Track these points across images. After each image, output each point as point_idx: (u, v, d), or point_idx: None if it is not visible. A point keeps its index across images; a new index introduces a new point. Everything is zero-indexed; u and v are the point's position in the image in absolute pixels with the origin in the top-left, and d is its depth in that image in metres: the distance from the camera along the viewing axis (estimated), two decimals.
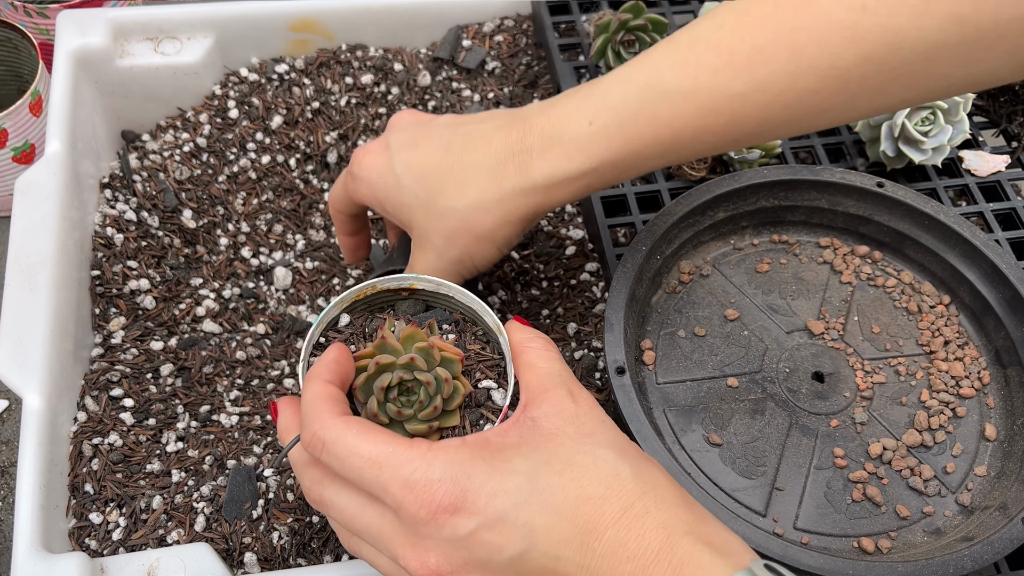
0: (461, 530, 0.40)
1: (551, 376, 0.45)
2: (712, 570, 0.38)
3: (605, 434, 0.43)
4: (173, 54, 0.76)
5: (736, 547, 0.40)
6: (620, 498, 0.40)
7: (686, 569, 0.38)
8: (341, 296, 0.50)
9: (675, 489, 0.42)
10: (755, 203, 0.65)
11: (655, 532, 0.39)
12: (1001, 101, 0.77)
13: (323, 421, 0.42)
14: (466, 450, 0.41)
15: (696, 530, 0.40)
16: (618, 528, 0.39)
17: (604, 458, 0.42)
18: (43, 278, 0.61)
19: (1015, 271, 0.61)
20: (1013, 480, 0.55)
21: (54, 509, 0.57)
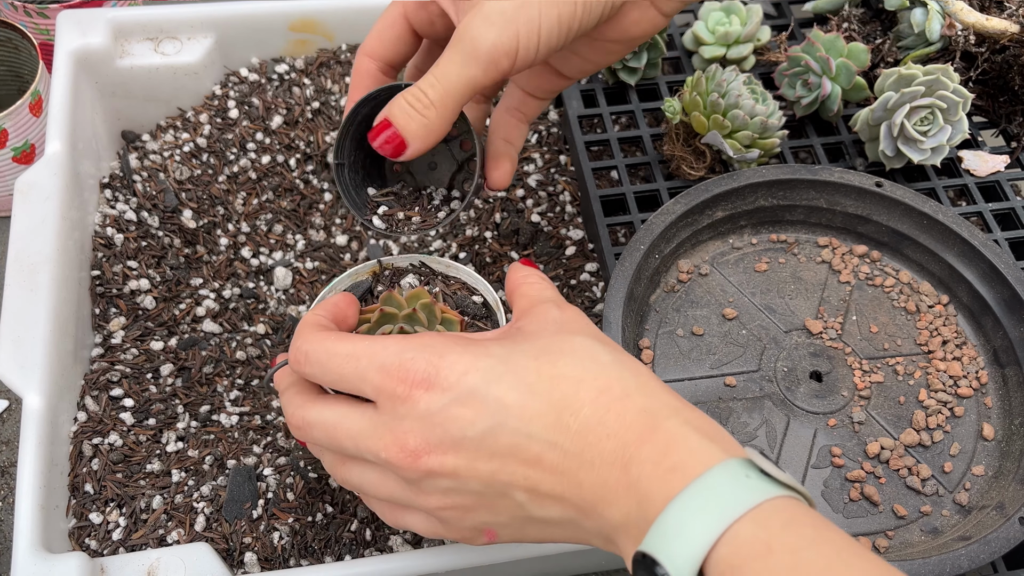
0: (434, 404, 0.40)
1: (541, 298, 0.46)
2: (701, 453, 0.36)
3: (587, 328, 0.43)
4: (173, 54, 0.76)
5: (726, 437, 0.39)
6: (598, 379, 0.39)
7: (673, 450, 0.37)
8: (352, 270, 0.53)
9: (657, 379, 0.41)
10: (754, 202, 0.66)
11: (636, 416, 0.38)
12: (1001, 101, 0.77)
13: (306, 337, 0.44)
14: (440, 337, 0.42)
15: (683, 414, 0.38)
16: (595, 407, 0.39)
17: (582, 344, 0.41)
18: (43, 278, 0.61)
19: (1013, 271, 0.61)
20: (1011, 480, 0.55)
21: (54, 509, 0.57)
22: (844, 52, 0.73)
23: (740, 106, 0.67)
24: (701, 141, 0.70)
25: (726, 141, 0.68)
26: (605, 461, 0.38)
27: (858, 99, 0.75)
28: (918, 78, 0.68)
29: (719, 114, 0.67)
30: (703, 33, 0.78)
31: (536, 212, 0.74)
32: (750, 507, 0.34)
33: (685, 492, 0.35)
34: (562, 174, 0.77)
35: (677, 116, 0.70)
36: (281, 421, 0.64)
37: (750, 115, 0.67)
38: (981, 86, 0.77)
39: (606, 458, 0.38)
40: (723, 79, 0.68)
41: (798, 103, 0.74)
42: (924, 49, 0.75)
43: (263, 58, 0.81)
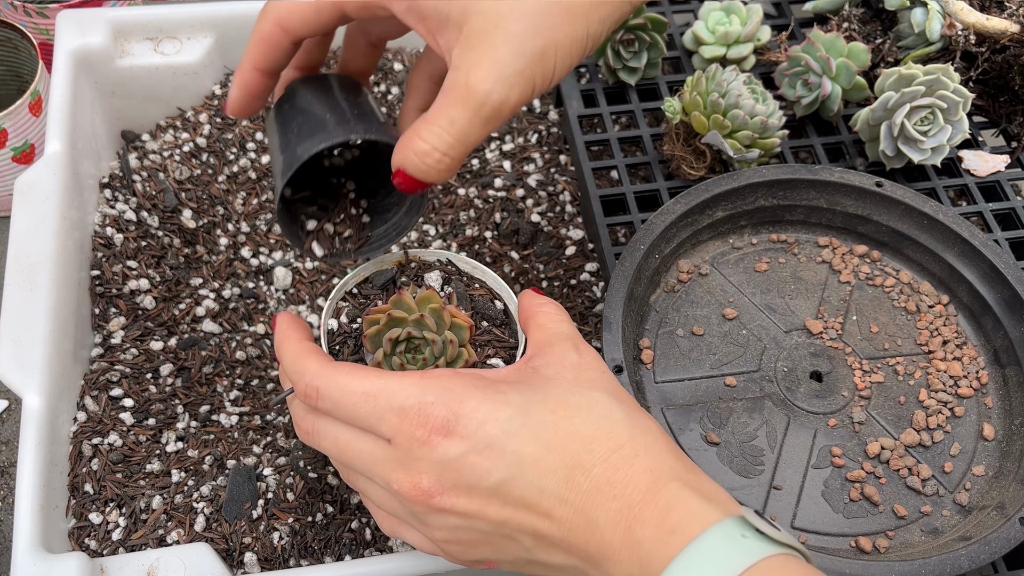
0: (452, 452, 0.40)
1: (558, 334, 0.46)
2: (698, 514, 0.38)
3: (602, 380, 0.43)
4: (173, 54, 0.76)
5: (724, 497, 0.40)
6: (610, 438, 0.40)
7: (673, 512, 0.38)
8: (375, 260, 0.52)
9: (665, 439, 0.42)
10: (754, 202, 0.65)
11: (642, 475, 0.39)
12: (1001, 101, 0.77)
13: (312, 371, 0.44)
14: (459, 379, 0.42)
15: (684, 477, 0.40)
16: (606, 467, 0.40)
17: (599, 400, 0.42)
18: (43, 278, 0.61)
19: (1013, 271, 0.61)
20: (1011, 480, 0.55)
21: (54, 509, 0.57)
22: (844, 52, 0.73)
23: (740, 106, 0.67)
24: (701, 141, 0.70)
25: (726, 141, 0.68)
26: (610, 522, 0.39)
27: (858, 99, 0.75)
28: (918, 78, 0.68)
29: (719, 114, 0.67)
30: (703, 33, 0.78)
31: (536, 212, 0.74)
32: (745, 568, 0.36)
33: (683, 554, 0.36)
34: (562, 174, 0.77)
35: (677, 116, 0.70)
36: (281, 421, 0.64)
37: (750, 115, 0.67)
38: (981, 86, 0.77)
39: (611, 518, 0.39)
40: (723, 79, 0.68)
41: (798, 103, 0.74)
42: (924, 49, 0.75)
43: None
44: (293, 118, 0.47)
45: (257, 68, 0.47)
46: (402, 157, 0.44)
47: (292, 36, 0.46)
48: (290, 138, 0.47)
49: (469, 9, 0.42)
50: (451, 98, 0.43)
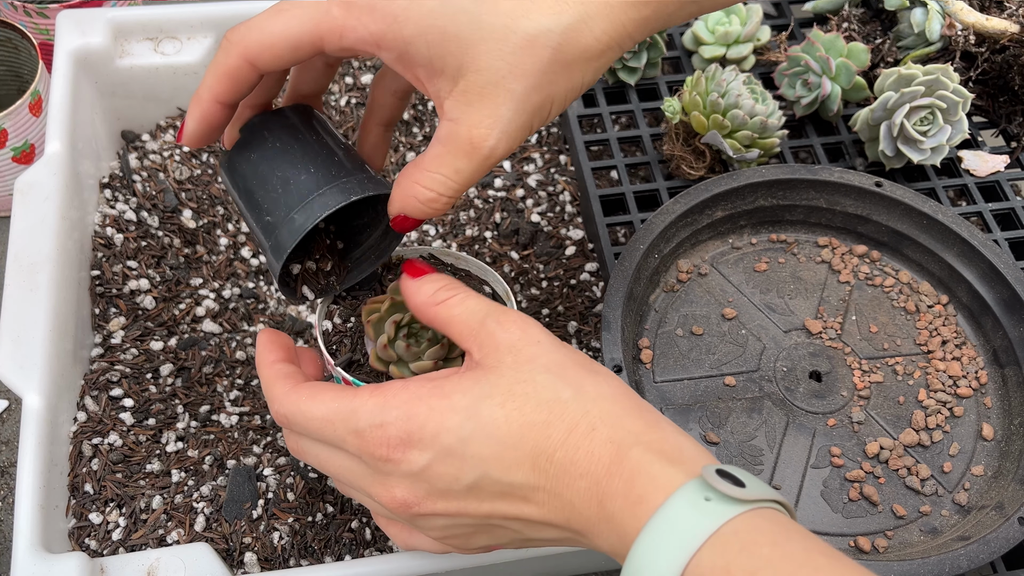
0: (416, 464, 0.41)
1: (472, 317, 0.44)
2: (662, 480, 0.38)
3: (543, 357, 0.42)
4: (173, 54, 0.76)
5: (690, 453, 0.39)
6: (564, 420, 0.40)
7: (637, 480, 0.38)
8: None
9: (622, 401, 0.41)
10: (753, 202, 0.66)
11: (604, 447, 0.39)
12: (1000, 101, 0.77)
13: (279, 399, 0.46)
14: (405, 392, 0.42)
15: (645, 439, 0.39)
16: (566, 448, 0.40)
17: (544, 383, 0.41)
18: (43, 278, 0.61)
19: (1013, 271, 0.61)
20: (1010, 480, 0.55)
21: (54, 509, 0.57)
22: (844, 52, 0.73)
23: (740, 106, 0.67)
24: (701, 141, 0.70)
25: (726, 141, 0.68)
26: (583, 500, 0.39)
27: (858, 99, 0.75)
28: (918, 78, 0.68)
29: (719, 114, 0.67)
30: (703, 33, 0.78)
31: (536, 212, 0.74)
32: (710, 533, 0.35)
33: (649, 525, 0.36)
34: (562, 174, 0.77)
35: (677, 116, 0.70)
36: None
37: (750, 115, 0.67)
38: (981, 86, 0.77)
39: (583, 496, 0.39)
40: (723, 79, 0.68)
41: (798, 103, 0.74)
42: (924, 49, 0.75)
43: None
44: (270, 173, 0.46)
45: (219, 101, 0.45)
46: (404, 205, 0.45)
47: (260, 71, 0.44)
48: (275, 199, 0.46)
49: (466, 65, 0.42)
50: (453, 149, 0.43)
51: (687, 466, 0.38)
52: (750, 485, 0.37)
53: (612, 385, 0.42)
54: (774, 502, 0.38)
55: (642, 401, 0.42)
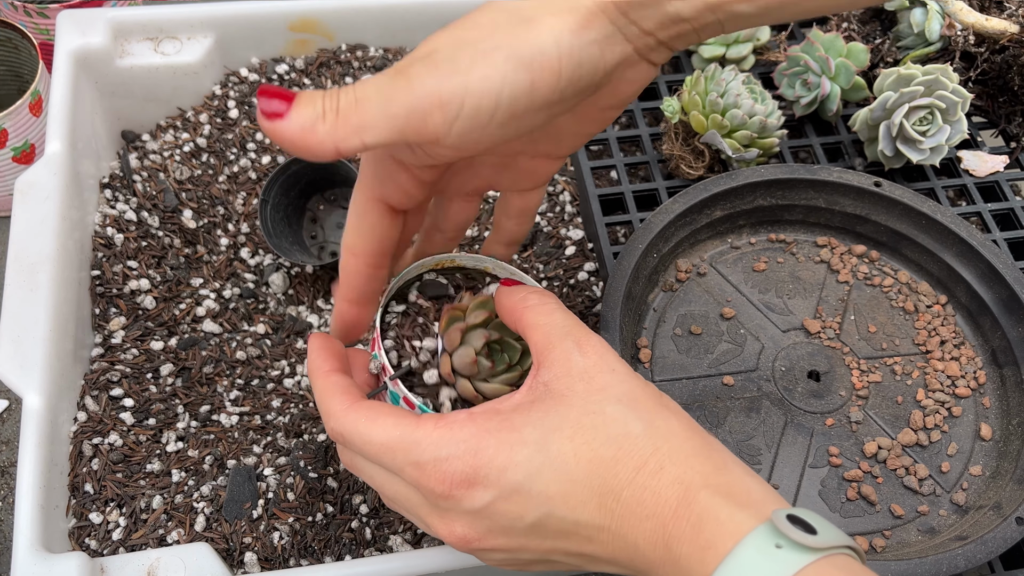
0: (479, 502, 0.40)
1: (555, 331, 0.44)
2: (731, 525, 0.36)
3: (616, 387, 0.42)
4: (173, 54, 0.76)
5: (759, 495, 0.38)
6: (632, 457, 0.39)
7: (705, 525, 0.37)
8: (421, 261, 0.52)
9: (692, 439, 0.40)
10: (752, 202, 0.66)
11: (671, 488, 0.38)
12: (1000, 101, 0.77)
13: (336, 416, 0.44)
14: (472, 425, 0.41)
15: (714, 482, 0.38)
16: (634, 488, 0.39)
17: (614, 416, 0.40)
18: (43, 278, 0.61)
19: (1012, 271, 0.61)
20: (1008, 480, 0.55)
21: (54, 509, 0.57)
22: (843, 52, 0.73)
23: (739, 105, 0.67)
24: (700, 140, 0.70)
25: (725, 140, 0.68)
26: (648, 542, 0.38)
27: (857, 99, 0.75)
28: (917, 78, 0.68)
29: (718, 113, 0.67)
30: None
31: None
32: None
33: (719, 572, 0.35)
34: (561, 174, 0.77)
35: (676, 115, 0.70)
36: (281, 421, 0.64)
37: (749, 115, 0.67)
38: (980, 86, 0.77)
39: (648, 538, 0.38)
40: (722, 78, 0.68)
41: (797, 103, 0.74)
42: (923, 49, 0.75)
43: (263, 58, 0.81)
44: None
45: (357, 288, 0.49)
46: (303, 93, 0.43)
47: (369, 256, 0.48)
48: None
49: None
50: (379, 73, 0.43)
51: (756, 510, 0.37)
52: (822, 531, 0.36)
53: (682, 422, 0.41)
54: (847, 547, 0.37)
55: (712, 440, 0.41)
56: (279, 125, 0.39)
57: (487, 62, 0.39)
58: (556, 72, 0.40)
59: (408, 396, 0.47)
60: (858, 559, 0.37)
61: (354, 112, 0.39)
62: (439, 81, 0.39)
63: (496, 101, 0.39)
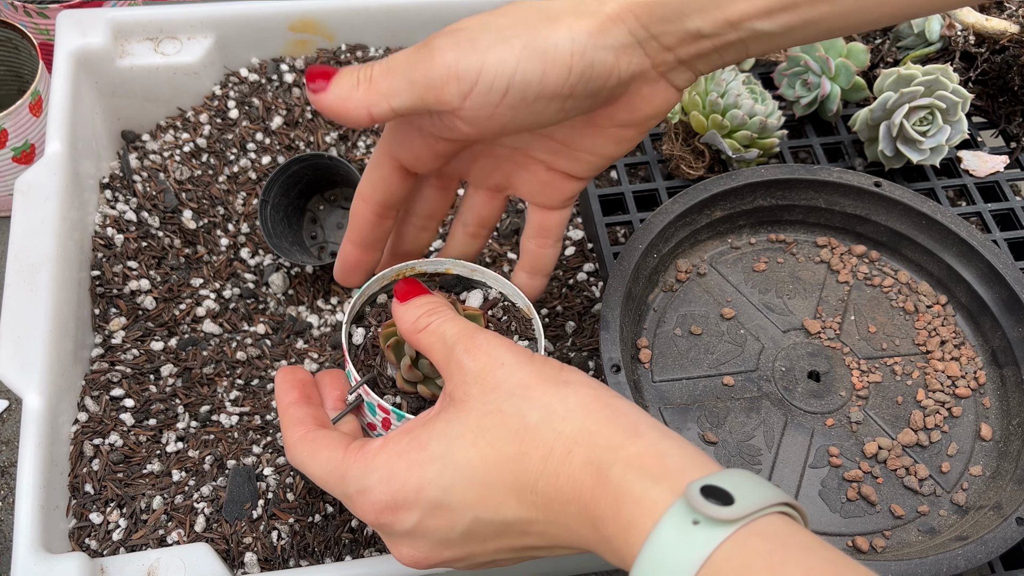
0: (408, 523, 0.42)
1: (446, 343, 0.44)
2: (646, 502, 0.36)
3: (507, 381, 0.42)
4: (173, 54, 0.76)
5: (675, 462, 0.37)
6: (537, 448, 0.39)
7: (623, 504, 0.36)
8: (381, 274, 0.54)
9: (595, 411, 0.40)
10: (752, 202, 0.66)
11: (583, 470, 0.38)
12: (1000, 102, 0.77)
13: (288, 448, 0.48)
14: (385, 452, 0.43)
15: (624, 454, 0.37)
16: (547, 477, 0.39)
17: (510, 411, 0.40)
18: (43, 278, 0.61)
19: (1012, 271, 0.61)
20: (1008, 480, 0.55)
21: (54, 509, 0.57)
22: (843, 52, 0.73)
23: (739, 106, 0.67)
24: (700, 141, 0.70)
25: (725, 141, 0.68)
26: (578, 523, 0.38)
27: (857, 99, 0.75)
28: (917, 78, 0.68)
29: (718, 114, 0.67)
30: None
31: None
32: (701, 562, 0.33)
33: (641, 557, 0.35)
34: None
35: (676, 115, 0.70)
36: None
37: (749, 115, 0.67)
38: (980, 86, 0.77)
39: (578, 520, 0.38)
40: (722, 79, 0.68)
41: (797, 103, 0.74)
42: (924, 49, 0.75)
43: (263, 58, 0.81)
44: None
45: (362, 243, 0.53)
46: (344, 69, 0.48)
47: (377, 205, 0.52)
48: None
49: None
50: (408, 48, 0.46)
51: (673, 481, 0.36)
52: (740, 497, 0.34)
53: (582, 395, 0.41)
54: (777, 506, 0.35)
55: (618, 404, 0.40)
56: (321, 97, 0.44)
57: (505, 46, 0.42)
58: (567, 67, 0.42)
59: (382, 403, 0.49)
60: (790, 516, 0.36)
61: (384, 79, 0.43)
62: (458, 56, 0.42)
63: (508, 83, 0.42)
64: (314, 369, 0.67)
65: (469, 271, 0.55)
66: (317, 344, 0.68)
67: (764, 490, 0.36)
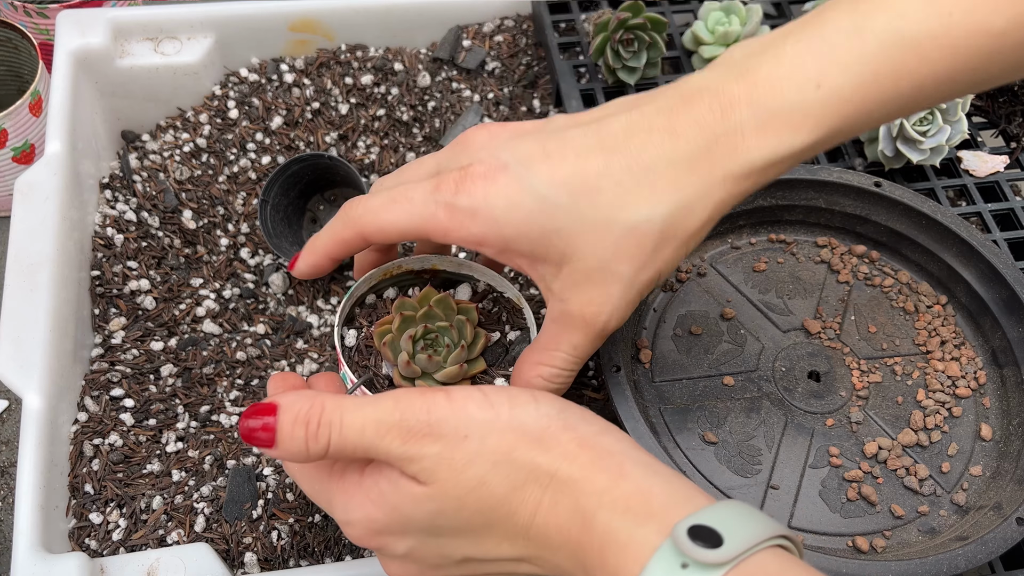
0: (400, 549, 0.42)
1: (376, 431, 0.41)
2: (633, 547, 0.35)
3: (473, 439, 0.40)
4: (173, 54, 0.76)
5: (660, 501, 0.37)
6: (526, 505, 0.39)
7: (608, 552, 0.36)
8: (368, 274, 0.54)
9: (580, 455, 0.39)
10: (752, 202, 0.66)
11: (571, 520, 0.38)
12: (1000, 101, 0.77)
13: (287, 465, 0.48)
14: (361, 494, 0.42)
15: (609, 498, 0.37)
16: (536, 527, 0.39)
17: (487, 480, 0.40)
18: (43, 278, 0.61)
19: (1012, 271, 0.61)
20: (1008, 480, 0.55)
21: (54, 509, 0.57)
22: None
23: None
24: None
25: None
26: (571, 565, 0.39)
27: None
28: None
29: None
30: (703, 33, 0.78)
31: None
32: None
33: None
34: None
35: None
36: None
37: None
38: None
39: (570, 563, 0.39)
40: None
41: None
42: None
43: (263, 58, 0.81)
44: None
45: (330, 257, 0.50)
46: (529, 382, 0.47)
47: (370, 243, 0.48)
48: None
49: (569, 254, 0.43)
50: (568, 327, 0.45)
51: (660, 522, 0.36)
52: (730, 535, 0.34)
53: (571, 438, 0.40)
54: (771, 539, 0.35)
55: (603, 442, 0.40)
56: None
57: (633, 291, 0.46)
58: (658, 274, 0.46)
59: None
60: (785, 548, 0.35)
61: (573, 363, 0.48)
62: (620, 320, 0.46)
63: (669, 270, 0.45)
64: (314, 369, 0.67)
65: (456, 266, 0.55)
66: (317, 344, 0.68)
67: (755, 524, 0.35)
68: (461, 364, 0.49)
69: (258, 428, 0.42)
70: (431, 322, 0.50)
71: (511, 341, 0.53)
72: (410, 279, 0.55)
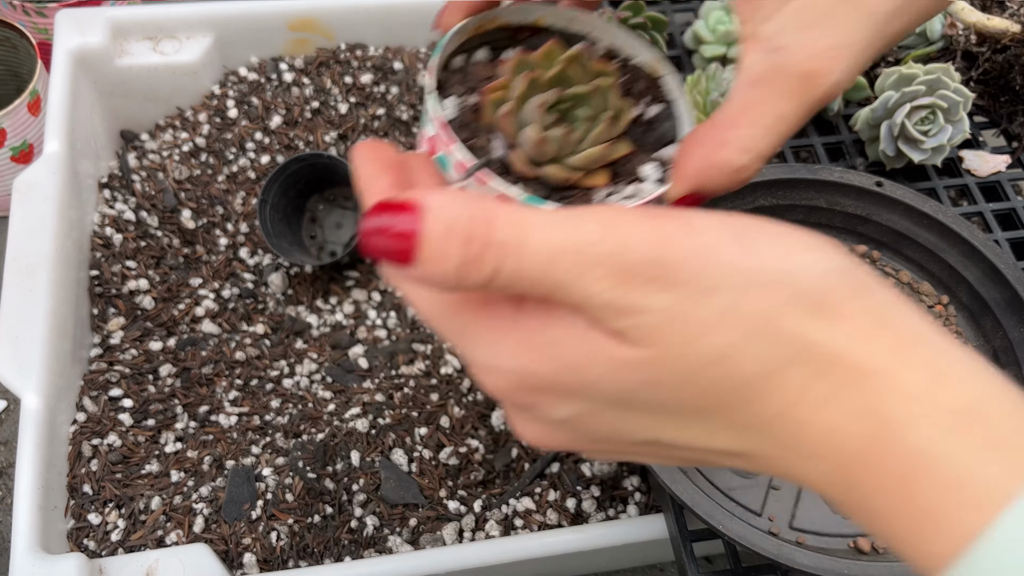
0: (556, 414, 0.30)
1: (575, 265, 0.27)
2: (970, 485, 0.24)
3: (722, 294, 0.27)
4: (172, 53, 0.76)
5: (1009, 426, 0.25)
6: (781, 392, 0.27)
7: (922, 482, 0.25)
8: (462, 24, 0.39)
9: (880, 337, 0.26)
10: (753, 202, 0.65)
11: (854, 422, 0.26)
12: (1002, 101, 0.77)
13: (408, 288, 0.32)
14: (533, 354, 0.29)
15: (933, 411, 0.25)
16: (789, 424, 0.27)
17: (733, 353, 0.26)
18: (42, 278, 0.61)
19: (1013, 271, 0.61)
20: None
21: (53, 510, 0.57)
22: None
23: None
24: None
25: None
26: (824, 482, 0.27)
27: (859, 98, 0.75)
28: (919, 77, 0.68)
29: None
30: (703, 32, 0.78)
31: None
32: None
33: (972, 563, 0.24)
34: None
35: None
36: (280, 421, 0.64)
37: None
38: (982, 86, 0.77)
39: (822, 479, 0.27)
40: (723, 78, 0.68)
41: None
42: (925, 48, 0.75)
43: (262, 57, 0.81)
44: None
45: None
46: (702, 179, 0.33)
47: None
48: None
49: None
50: (778, 88, 0.33)
51: (1012, 457, 0.24)
52: None
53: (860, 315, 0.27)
54: None
55: (912, 324, 0.27)
56: None
57: None
58: None
59: (507, 194, 0.34)
60: None
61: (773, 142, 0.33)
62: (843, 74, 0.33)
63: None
64: (314, 369, 0.67)
65: (567, 20, 0.40)
66: (316, 344, 0.68)
67: None
68: (607, 143, 0.36)
69: (391, 232, 0.27)
70: (566, 86, 0.37)
71: (653, 117, 0.39)
72: (504, 39, 0.41)
